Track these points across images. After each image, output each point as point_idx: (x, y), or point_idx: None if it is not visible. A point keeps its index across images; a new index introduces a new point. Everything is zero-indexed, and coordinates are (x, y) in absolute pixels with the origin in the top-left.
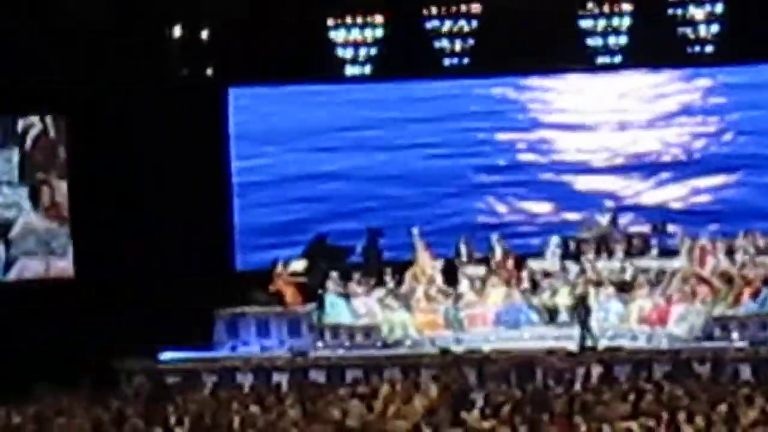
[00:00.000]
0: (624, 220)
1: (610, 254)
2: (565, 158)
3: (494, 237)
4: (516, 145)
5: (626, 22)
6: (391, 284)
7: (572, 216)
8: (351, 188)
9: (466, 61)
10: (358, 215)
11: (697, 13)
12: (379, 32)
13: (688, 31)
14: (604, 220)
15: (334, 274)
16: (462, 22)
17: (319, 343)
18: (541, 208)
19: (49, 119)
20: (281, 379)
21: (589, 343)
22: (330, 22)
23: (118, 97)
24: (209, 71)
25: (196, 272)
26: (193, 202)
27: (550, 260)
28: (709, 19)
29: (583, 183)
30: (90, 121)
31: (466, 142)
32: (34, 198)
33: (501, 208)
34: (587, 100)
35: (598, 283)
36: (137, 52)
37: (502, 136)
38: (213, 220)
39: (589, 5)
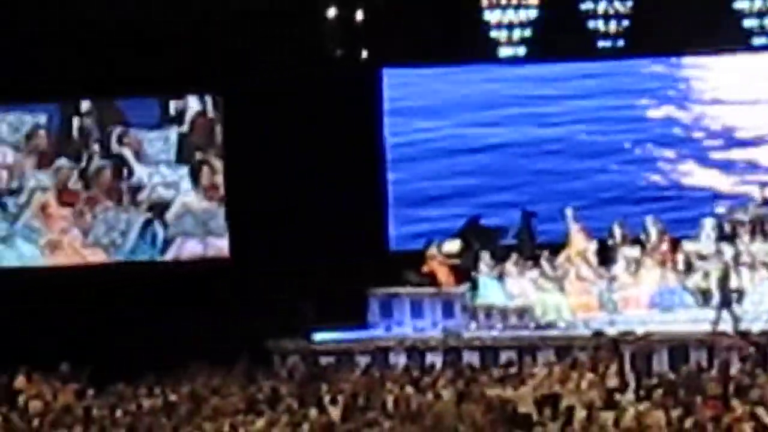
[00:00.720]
0: None
1: (766, 236)
2: (724, 134)
3: (649, 219)
4: (672, 121)
5: None
6: (545, 266)
7: (726, 190)
8: (506, 163)
9: (621, 42)
10: (512, 190)
11: None
12: (534, 13)
13: None
14: (758, 201)
15: (487, 255)
16: (617, 4)
17: (473, 324)
18: (698, 181)
19: (207, 99)
20: (435, 359)
21: (741, 326)
22: (484, 2)
23: (274, 78)
24: (364, 52)
25: (350, 252)
26: (347, 181)
27: (705, 242)
28: None
29: (740, 157)
30: (246, 102)
31: (622, 118)
32: (194, 178)
33: (658, 182)
34: (743, 79)
35: (753, 266)
36: (293, 33)
37: (656, 113)
38: (367, 199)
39: None
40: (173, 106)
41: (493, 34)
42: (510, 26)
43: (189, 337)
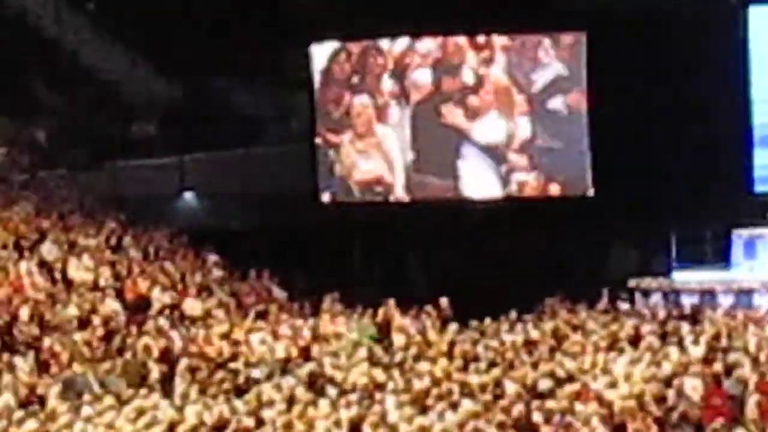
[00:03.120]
0: None
1: None
2: None
3: None
4: None
5: None
6: None
7: None
8: None
9: None
10: None
11: None
12: None
13: None
14: None
15: None
16: None
17: None
18: None
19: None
20: None
21: None
22: None
23: (639, 14)
24: None
25: (713, 192)
26: (712, 121)
27: None
28: None
29: None
30: (612, 38)
31: None
32: None
33: None
34: None
35: None
36: None
37: None
38: (731, 139)
39: None
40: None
41: None
42: None
43: (552, 273)
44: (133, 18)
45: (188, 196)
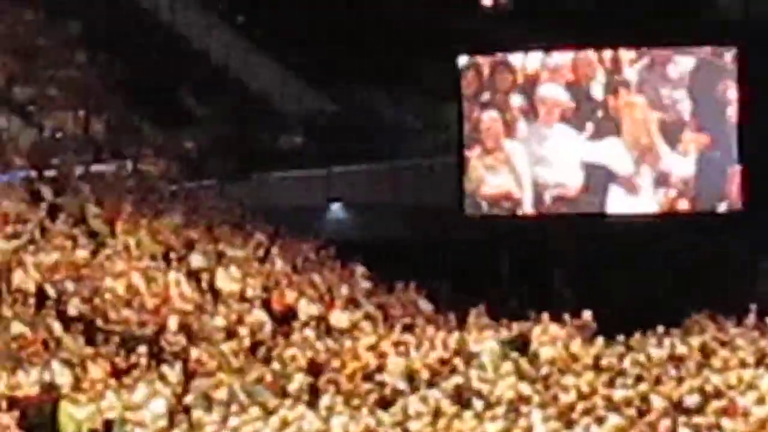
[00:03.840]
0: None
1: None
2: None
3: None
4: None
5: None
6: None
7: None
8: None
9: None
10: None
11: None
12: None
13: None
14: None
15: None
16: None
17: None
18: None
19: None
20: None
21: None
22: None
23: None
24: None
25: None
26: None
27: None
28: None
29: None
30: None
31: None
32: None
33: None
34: None
35: None
36: None
37: None
38: None
39: None
40: None
41: None
42: None
43: (699, 288)
44: (283, 30)
45: (336, 207)
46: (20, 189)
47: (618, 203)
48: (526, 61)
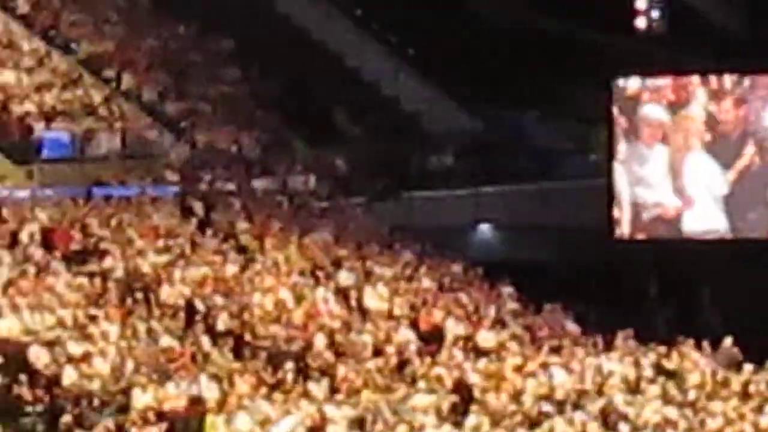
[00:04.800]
0: None
1: None
2: None
3: None
4: None
5: None
6: None
7: None
8: None
9: None
10: None
11: None
12: None
13: None
14: None
15: None
16: None
17: None
18: None
19: None
20: None
21: None
22: None
23: None
24: None
25: None
26: None
27: None
28: None
29: None
30: None
31: None
32: None
33: None
34: None
35: None
36: None
37: None
38: None
39: None
40: None
41: None
42: None
43: None
44: (436, 51)
45: (483, 228)
46: (171, 204)
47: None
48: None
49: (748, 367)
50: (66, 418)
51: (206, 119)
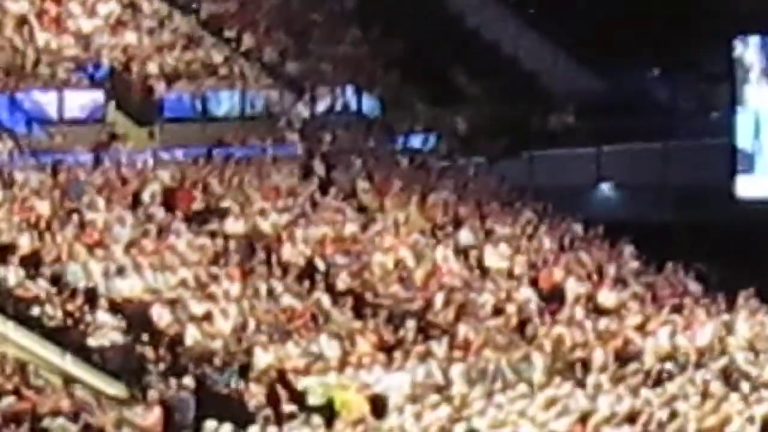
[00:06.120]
0: None
1: None
2: None
3: None
4: None
5: None
6: None
7: None
8: None
9: None
10: None
11: None
12: None
13: None
14: None
15: None
16: None
17: None
18: None
19: None
20: None
21: None
22: None
23: None
24: None
25: None
26: None
27: None
28: None
29: None
30: None
31: None
32: None
33: None
34: None
35: None
36: None
37: None
38: None
39: None
40: None
41: None
42: None
43: None
44: (555, 9)
45: (604, 187)
46: (292, 163)
47: None
48: None
49: None
50: (187, 379)
51: (327, 79)
